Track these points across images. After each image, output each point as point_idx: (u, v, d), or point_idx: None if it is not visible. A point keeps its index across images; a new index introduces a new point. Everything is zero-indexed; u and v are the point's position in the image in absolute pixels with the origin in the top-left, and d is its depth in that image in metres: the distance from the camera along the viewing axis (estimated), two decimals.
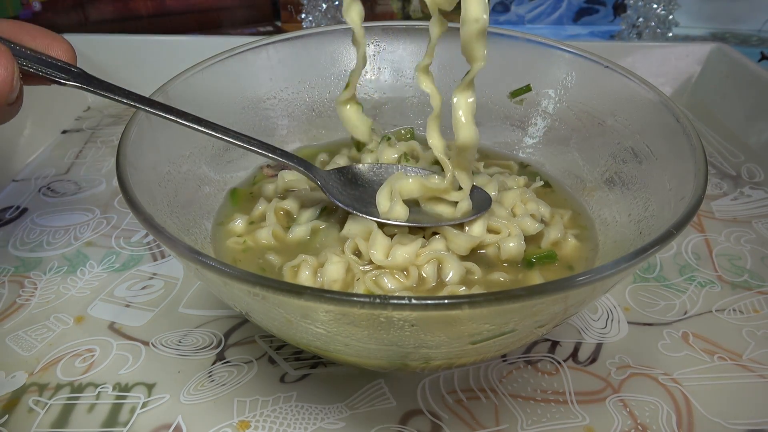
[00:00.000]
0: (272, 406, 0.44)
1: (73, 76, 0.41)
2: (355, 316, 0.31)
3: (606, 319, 0.51)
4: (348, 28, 0.61)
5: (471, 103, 0.41)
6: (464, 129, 0.41)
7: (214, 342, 0.49)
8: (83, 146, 0.77)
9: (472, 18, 0.37)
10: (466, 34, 0.38)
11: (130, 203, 0.36)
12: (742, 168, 0.72)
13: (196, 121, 0.42)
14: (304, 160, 0.46)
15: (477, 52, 0.39)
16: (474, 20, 0.37)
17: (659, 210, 0.42)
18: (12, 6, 0.99)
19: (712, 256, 0.58)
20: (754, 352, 0.48)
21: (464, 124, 0.41)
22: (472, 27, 0.37)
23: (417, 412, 0.43)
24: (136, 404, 0.44)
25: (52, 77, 0.40)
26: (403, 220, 0.44)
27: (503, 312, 0.32)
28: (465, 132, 0.41)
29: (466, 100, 0.41)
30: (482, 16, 0.37)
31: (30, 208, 0.65)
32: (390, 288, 0.42)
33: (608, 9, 1.18)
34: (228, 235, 0.48)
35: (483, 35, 0.38)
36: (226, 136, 0.43)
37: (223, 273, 0.31)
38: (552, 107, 0.57)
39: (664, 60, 0.87)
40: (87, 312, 0.52)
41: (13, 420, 0.43)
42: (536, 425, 0.42)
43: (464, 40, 0.38)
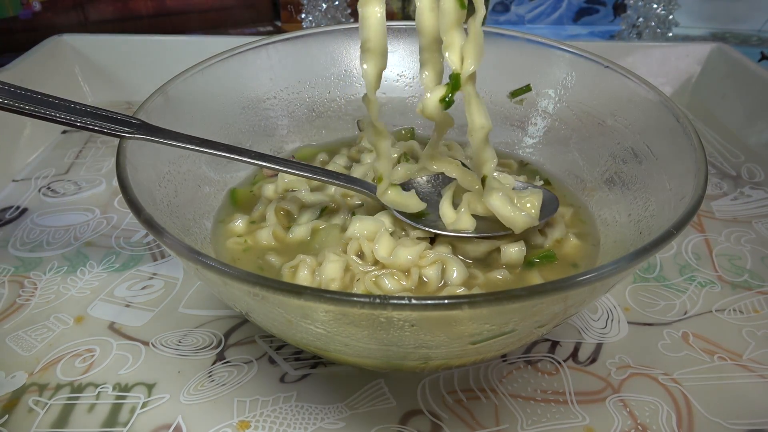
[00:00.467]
0: (272, 406, 0.44)
1: (137, 128, 0.42)
2: (355, 316, 0.31)
3: (606, 319, 0.51)
4: (348, 28, 0.61)
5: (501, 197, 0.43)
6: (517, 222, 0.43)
7: (214, 342, 0.49)
8: (83, 146, 0.77)
9: (478, 126, 0.40)
10: (476, 141, 0.41)
11: (130, 203, 0.36)
12: (742, 168, 0.72)
13: (259, 157, 0.44)
14: (361, 180, 0.47)
15: (486, 154, 0.42)
16: (480, 128, 0.40)
17: (659, 210, 0.42)
18: (12, 6, 0.99)
19: (712, 256, 0.58)
20: (754, 352, 0.48)
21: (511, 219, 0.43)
22: (479, 134, 0.41)
23: (417, 412, 0.43)
24: (136, 404, 0.44)
25: (116, 132, 0.41)
26: (471, 230, 0.44)
27: (503, 312, 0.32)
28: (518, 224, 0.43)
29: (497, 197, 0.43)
30: (486, 123, 0.40)
31: (30, 208, 0.65)
32: (389, 289, 0.42)
33: (608, 9, 1.18)
34: (228, 235, 0.48)
35: (487, 138, 0.41)
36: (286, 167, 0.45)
37: (223, 273, 0.31)
38: (552, 107, 0.57)
39: (664, 60, 0.87)
40: (87, 312, 0.52)
41: (13, 420, 0.43)
42: (536, 425, 0.42)
43: (475, 146, 0.41)
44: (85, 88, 0.88)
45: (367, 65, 0.40)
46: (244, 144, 0.57)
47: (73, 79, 0.87)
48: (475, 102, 0.40)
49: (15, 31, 1.00)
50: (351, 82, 0.63)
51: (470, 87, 0.39)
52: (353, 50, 0.62)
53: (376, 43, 0.39)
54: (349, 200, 0.50)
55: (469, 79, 0.39)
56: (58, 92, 0.51)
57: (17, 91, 0.41)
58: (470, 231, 0.44)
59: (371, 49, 0.39)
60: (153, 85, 0.48)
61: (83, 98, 0.87)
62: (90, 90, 0.88)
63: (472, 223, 0.44)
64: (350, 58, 0.62)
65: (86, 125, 0.41)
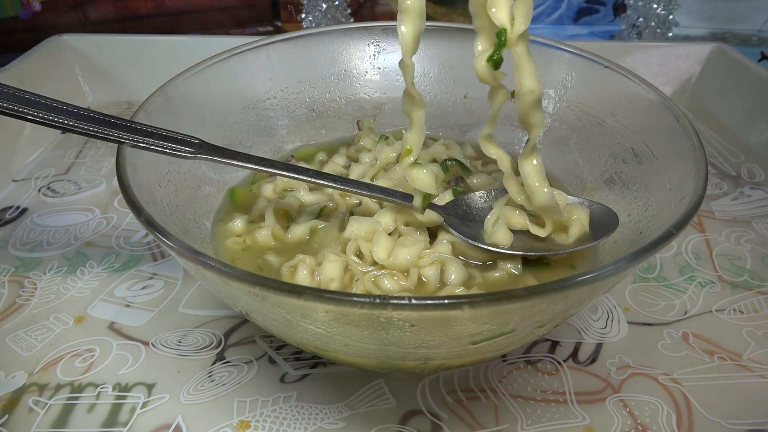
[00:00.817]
0: (272, 406, 0.44)
1: (197, 148, 0.42)
2: (355, 316, 0.31)
3: (606, 319, 0.51)
4: (348, 28, 0.61)
5: (536, 165, 0.41)
6: (538, 193, 0.41)
7: (214, 342, 0.49)
8: (83, 146, 0.77)
9: (527, 90, 0.38)
10: (522, 105, 0.39)
11: (130, 203, 0.36)
12: (742, 168, 0.72)
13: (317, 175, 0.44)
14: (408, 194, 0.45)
15: (534, 119, 0.39)
16: (529, 92, 0.38)
17: (659, 210, 0.42)
18: (12, 6, 0.99)
19: (712, 256, 0.58)
20: (754, 352, 0.48)
21: (537, 188, 0.41)
22: (527, 98, 0.38)
23: (417, 412, 0.43)
24: (136, 404, 0.44)
25: (178, 153, 0.42)
26: (506, 245, 0.43)
27: (503, 312, 0.32)
28: (539, 196, 0.42)
29: (532, 163, 0.41)
30: (536, 87, 0.38)
31: (30, 208, 0.65)
32: (389, 289, 0.42)
33: (608, 9, 1.18)
34: (227, 234, 0.48)
35: (538, 103, 0.39)
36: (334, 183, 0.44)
37: (223, 273, 0.31)
38: (552, 107, 0.57)
39: (664, 60, 0.87)
40: (87, 312, 0.52)
41: (13, 420, 0.43)
42: (536, 425, 0.42)
43: (521, 110, 0.39)
44: (85, 88, 0.88)
45: (405, 27, 0.38)
46: (244, 144, 0.57)
47: (73, 79, 0.87)
48: (525, 63, 0.38)
49: (15, 31, 1.00)
50: (351, 82, 0.63)
51: (520, 47, 0.37)
52: (353, 50, 0.62)
53: (414, 2, 0.37)
54: (347, 200, 0.50)
55: (519, 38, 0.37)
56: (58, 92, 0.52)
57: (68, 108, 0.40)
58: (506, 245, 0.43)
59: (408, 9, 0.37)
60: (153, 85, 0.48)
61: (83, 98, 0.87)
62: (90, 90, 0.88)
63: (509, 237, 0.43)
64: (350, 58, 0.62)
65: (149, 146, 0.41)
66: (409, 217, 0.45)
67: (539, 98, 0.38)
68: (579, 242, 0.44)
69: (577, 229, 0.44)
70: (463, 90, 0.62)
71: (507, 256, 0.44)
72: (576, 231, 0.44)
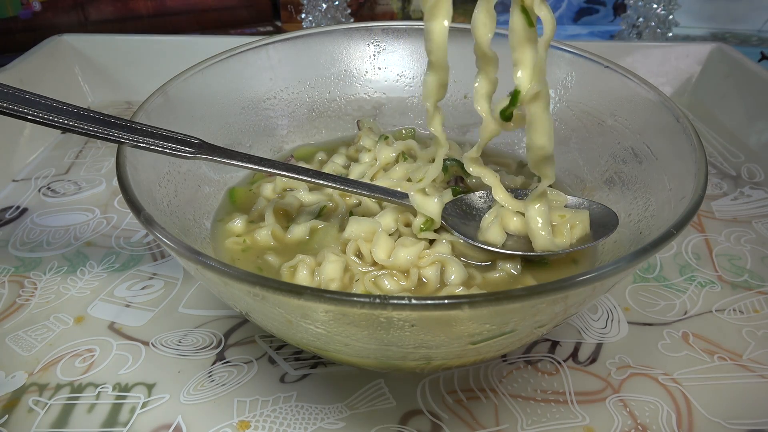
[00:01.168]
0: (272, 406, 0.44)
1: (197, 148, 0.42)
2: (355, 316, 0.31)
3: (606, 319, 0.51)
4: (348, 28, 0.61)
5: (543, 212, 0.42)
6: (538, 238, 0.42)
7: (214, 342, 0.49)
8: (83, 146, 0.77)
9: (537, 146, 0.39)
10: (532, 158, 0.40)
11: (130, 203, 0.36)
12: (742, 168, 0.72)
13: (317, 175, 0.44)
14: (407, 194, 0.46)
15: (545, 171, 0.40)
16: (539, 148, 0.39)
17: (659, 210, 0.42)
18: (12, 6, 0.99)
19: (712, 256, 0.58)
20: (754, 352, 0.48)
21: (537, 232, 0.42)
22: (537, 153, 0.39)
23: (417, 412, 0.43)
24: (136, 404, 0.44)
25: (178, 153, 0.42)
26: (497, 244, 0.44)
27: (503, 312, 0.32)
28: (540, 240, 0.42)
29: (537, 209, 0.42)
30: (547, 145, 0.39)
31: (30, 208, 0.65)
32: (389, 289, 0.42)
33: (608, 9, 1.18)
34: (227, 234, 0.48)
35: (549, 160, 0.39)
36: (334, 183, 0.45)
37: (223, 273, 0.31)
38: (552, 107, 0.57)
39: (664, 60, 0.87)
40: (87, 312, 0.52)
41: (13, 420, 0.43)
42: (536, 425, 0.42)
43: (532, 162, 0.40)
44: (85, 88, 0.88)
45: (431, 77, 0.40)
46: (244, 144, 0.57)
47: (73, 79, 0.87)
48: (539, 122, 0.38)
49: (15, 31, 1.00)
50: (351, 82, 0.63)
51: (536, 107, 0.38)
52: (353, 50, 0.62)
53: (438, 56, 0.39)
54: (347, 200, 0.50)
55: (534, 98, 0.37)
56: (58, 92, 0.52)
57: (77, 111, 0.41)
58: (498, 244, 0.43)
59: (435, 62, 0.39)
60: (153, 85, 0.48)
61: (83, 98, 0.87)
62: (90, 90, 0.88)
63: (502, 236, 0.44)
64: (350, 58, 0.62)
65: (149, 146, 0.41)
66: (409, 218, 0.45)
67: (548, 155, 0.39)
68: (579, 242, 0.44)
69: (579, 231, 0.44)
70: (463, 90, 0.62)
71: (506, 257, 0.44)
72: (577, 233, 0.44)
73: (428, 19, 0.39)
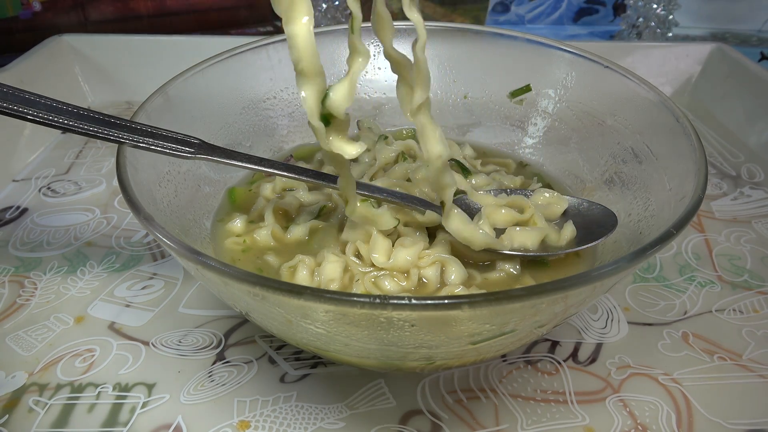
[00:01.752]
0: (272, 406, 0.44)
1: (197, 148, 0.42)
2: (355, 316, 0.31)
3: (606, 319, 0.51)
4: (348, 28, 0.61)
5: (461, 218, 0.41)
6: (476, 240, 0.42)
7: (214, 342, 0.49)
8: (83, 146, 0.77)
9: (435, 155, 0.38)
10: (433, 170, 0.39)
11: (130, 203, 0.36)
12: (742, 168, 0.72)
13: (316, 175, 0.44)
14: (421, 199, 0.46)
15: (445, 180, 0.39)
16: (437, 157, 0.38)
17: (659, 210, 0.42)
18: (12, 6, 0.99)
19: (712, 256, 0.58)
20: (754, 352, 0.48)
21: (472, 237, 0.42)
22: (437, 163, 0.38)
23: (417, 412, 0.43)
24: (136, 404, 0.44)
25: (178, 153, 0.42)
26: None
27: (503, 312, 0.32)
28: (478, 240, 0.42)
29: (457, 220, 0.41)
30: (444, 150, 0.38)
31: (30, 208, 0.65)
32: (389, 290, 0.42)
33: (608, 9, 1.18)
34: (227, 234, 0.48)
35: (447, 165, 0.38)
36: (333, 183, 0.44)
37: (223, 273, 0.31)
38: (552, 107, 0.57)
39: (664, 60, 0.87)
40: (87, 312, 0.52)
41: (13, 420, 0.43)
42: (536, 425, 0.42)
43: (433, 176, 0.39)
44: (85, 88, 0.88)
45: (305, 91, 0.35)
46: (244, 144, 0.57)
47: (73, 79, 0.87)
48: (429, 130, 0.37)
49: (15, 31, 1.00)
50: None
51: (422, 116, 0.37)
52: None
53: (309, 62, 0.34)
54: None
55: (419, 108, 0.36)
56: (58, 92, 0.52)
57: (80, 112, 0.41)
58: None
59: (303, 71, 0.35)
60: (153, 85, 0.48)
61: (83, 98, 0.87)
62: (90, 90, 0.88)
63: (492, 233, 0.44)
64: None
65: (149, 146, 0.41)
66: (409, 217, 0.45)
67: (446, 162, 0.38)
68: (576, 243, 0.44)
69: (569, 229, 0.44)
70: (463, 90, 0.62)
71: (506, 257, 0.44)
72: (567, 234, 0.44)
73: (287, 22, 0.34)
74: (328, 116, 0.36)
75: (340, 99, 0.35)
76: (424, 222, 0.45)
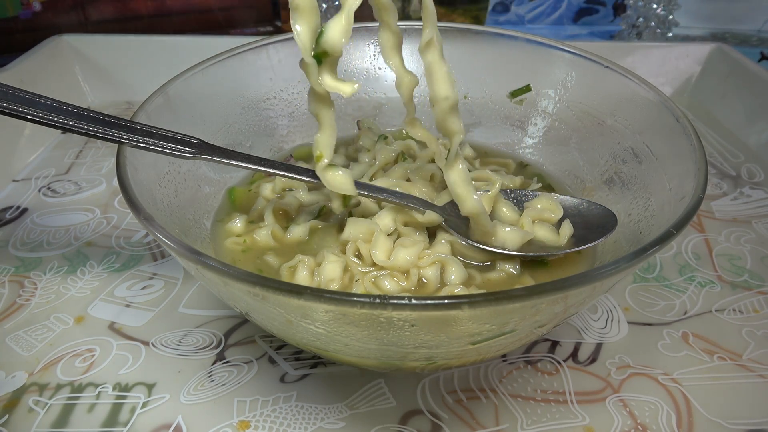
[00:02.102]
0: (272, 406, 0.44)
1: (197, 148, 0.42)
2: (355, 316, 0.31)
3: (606, 319, 0.51)
4: None
5: (461, 172, 0.41)
6: (467, 200, 0.41)
7: (214, 342, 0.49)
8: (83, 146, 0.77)
9: (441, 97, 0.37)
10: (438, 112, 0.38)
11: (130, 203, 0.36)
12: (742, 168, 0.72)
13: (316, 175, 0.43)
14: (421, 199, 0.46)
15: (453, 126, 0.39)
16: (444, 98, 0.37)
17: (659, 210, 0.42)
18: (12, 6, 0.99)
19: (712, 256, 0.58)
20: (754, 352, 0.48)
21: (464, 196, 0.41)
22: (443, 105, 0.38)
23: (417, 412, 0.43)
24: (136, 404, 0.44)
25: (178, 153, 0.42)
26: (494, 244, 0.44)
27: (503, 312, 0.32)
28: (468, 203, 0.41)
29: (457, 170, 0.41)
30: (450, 93, 0.37)
31: (30, 208, 0.65)
32: (389, 290, 0.42)
33: (608, 9, 1.18)
34: (227, 235, 0.48)
35: (455, 110, 0.38)
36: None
37: (223, 273, 0.31)
38: (552, 107, 0.57)
39: (664, 60, 0.87)
40: (87, 312, 0.52)
41: (13, 420, 0.43)
42: (536, 425, 0.42)
43: (438, 118, 0.39)
44: (85, 88, 0.88)
45: (300, 26, 0.35)
46: (244, 144, 0.57)
47: (73, 79, 0.87)
48: (437, 69, 0.37)
49: (15, 31, 1.00)
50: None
51: (430, 54, 0.36)
52: (353, 50, 0.62)
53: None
54: None
55: (428, 45, 0.36)
56: (58, 92, 0.52)
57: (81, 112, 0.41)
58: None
59: (299, 7, 0.35)
60: (153, 85, 0.48)
61: (83, 98, 0.87)
62: (90, 90, 0.88)
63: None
64: (350, 59, 0.62)
65: (149, 146, 0.41)
66: (408, 218, 0.45)
67: (455, 104, 0.38)
68: (576, 243, 0.44)
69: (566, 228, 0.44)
70: (463, 90, 0.62)
71: (505, 257, 0.44)
72: (566, 232, 0.44)
73: None
74: (320, 55, 0.36)
75: (337, 35, 0.35)
76: (424, 222, 0.45)
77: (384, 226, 0.45)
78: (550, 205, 0.47)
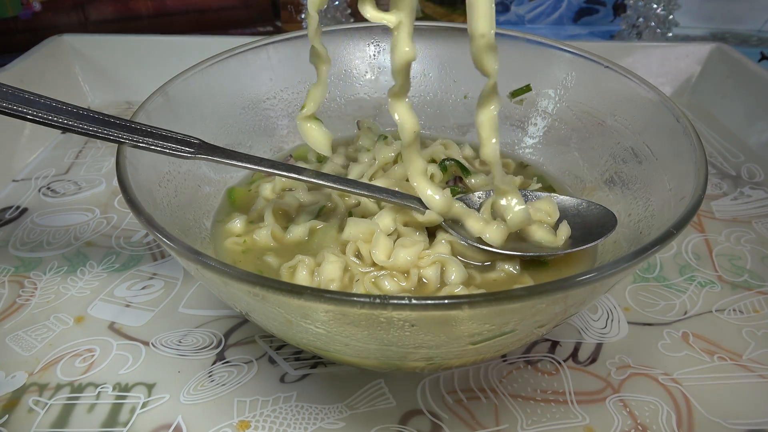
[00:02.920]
0: (272, 406, 0.44)
1: (197, 148, 0.42)
2: (355, 316, 0.31)
3: (606, 319, 0.51)
4: (348, 28, 0.61)
5: (493, 116, 0.40)
6: (487, 145, 0.40)
7: (214, 342, 0.49)
8: (83, 146, 0.77)
9: (478, 33, 0.36)
10: (474, 49, 0.37)
11: (130, 203, 0.36)
12: (742, 168, 0.72)
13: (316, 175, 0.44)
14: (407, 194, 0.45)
15: (487, 66, 0.38)
16: (480, 36, 0.36)
17: (659, 210, 0.42)
18: (12, 6, 0.99)
19: (712, 256, 0.58)
20: (754, 352, 0.48)
21: (486, 139, 0.40)
22: (479, 42, 0.37)
23: (417, 412, 0.43)
24: (136, 404, 0.44)
25: (178, 153, 0.42)
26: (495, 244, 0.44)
27: (503, 312, 0.32)
28: (487, 149, 0.40)
29: (489, 112, 0.40)
30: (487, 31, 0.36)
31: (30, 208, 0.65)
32: (389, 290, 0.42)
33: (608, 9, 1.18)
34: (227, 235, 0.48)
35: (492, 49, 0.37)
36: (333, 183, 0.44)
37: (223, 273, 0.31)
38: (552, 107, 0.57)
39: (664, 60, 0.87)
40: (87, 312, 0.52)
41: (13, 420, 0.43)
42: (536, 425, 0.42)
43: (474, 54, 0.38)
44: (85, 88, 0.88)
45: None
46: (244, 144, 0.57)
47: (73, 79, 0.87)
48: (479, 4, 0.36)
49: (15, 31, 1.00)
50: (351, 82, 0.63)
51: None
52: (353, 50, 0.62)
53: None
54: (346, 200, 0.50)
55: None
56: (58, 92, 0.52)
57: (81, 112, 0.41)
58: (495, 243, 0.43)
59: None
60: (153, 85, 0.48)
61: (83, 98, 0.87)
62: (90, 90, 0.88)
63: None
64: (350, 59, 0.62)
65: (149, 146, 0.41)
66: (408, 218, 0.45)
67: (490, 43, 0.37)
68: (575, 243, 0.44)
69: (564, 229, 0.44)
70: (463, 90, 0.62)
71: (505, 257, 0.44)
72: (563, 233, 0.44)
73: None
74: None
75: None
76: (424, 222, 0.45)
77: (384, 226, 0.45)
78: (547, 207, 0.47)
